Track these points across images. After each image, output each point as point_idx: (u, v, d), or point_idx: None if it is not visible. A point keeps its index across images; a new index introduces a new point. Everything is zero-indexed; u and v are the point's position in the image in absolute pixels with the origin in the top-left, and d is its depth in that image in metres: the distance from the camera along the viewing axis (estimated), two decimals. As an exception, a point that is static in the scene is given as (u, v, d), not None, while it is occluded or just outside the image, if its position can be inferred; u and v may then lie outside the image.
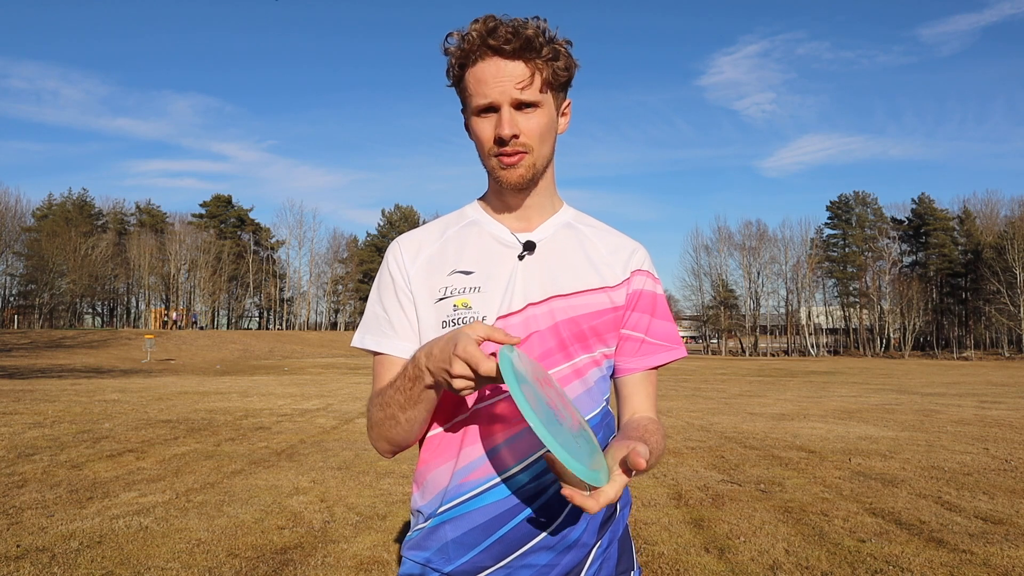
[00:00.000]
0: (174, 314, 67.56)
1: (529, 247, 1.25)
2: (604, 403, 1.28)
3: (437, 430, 1.22)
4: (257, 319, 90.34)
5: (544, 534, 1.15)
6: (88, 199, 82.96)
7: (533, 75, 1.15)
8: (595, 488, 0.95)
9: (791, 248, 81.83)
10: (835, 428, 10.41)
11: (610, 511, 1.24)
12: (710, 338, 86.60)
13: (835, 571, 3.98)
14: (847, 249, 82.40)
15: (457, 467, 1.18)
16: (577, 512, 1.17)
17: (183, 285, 79.56)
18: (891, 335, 77.48)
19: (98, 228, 79.87)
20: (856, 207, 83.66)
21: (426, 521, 1.21)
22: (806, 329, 79.92)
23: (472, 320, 1.18)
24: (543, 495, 1.15)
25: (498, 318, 1.19)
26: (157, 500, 5.49)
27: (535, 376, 1.04)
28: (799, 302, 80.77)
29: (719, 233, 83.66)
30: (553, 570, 1.16)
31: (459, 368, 0.99)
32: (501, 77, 1.14)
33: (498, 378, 0.97)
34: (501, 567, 1.15)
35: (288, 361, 38.53)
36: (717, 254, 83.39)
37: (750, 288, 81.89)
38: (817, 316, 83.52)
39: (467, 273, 1.23)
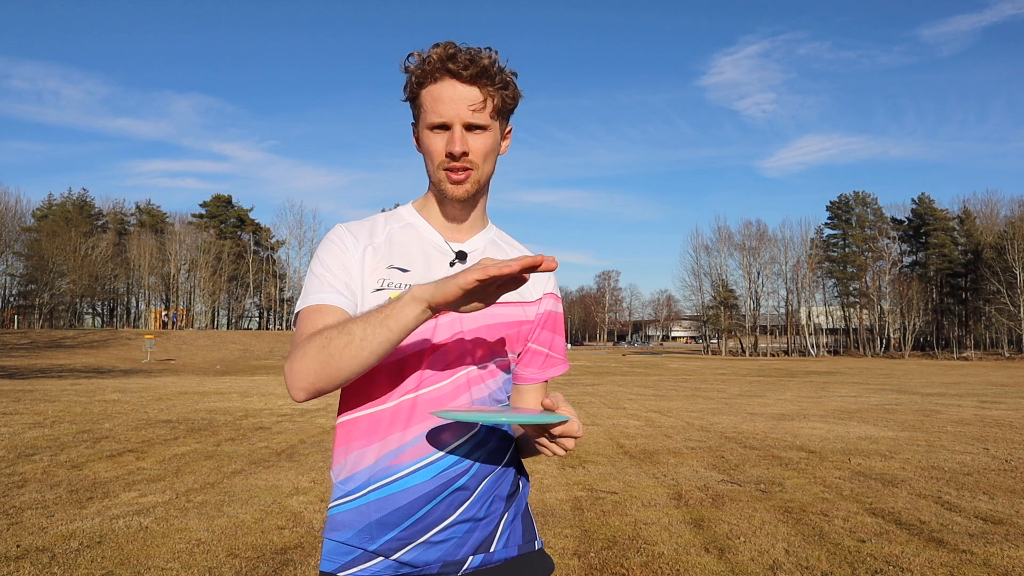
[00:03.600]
0: (163, 314, 67.61)
1: (461, 256, 1.37)
2: (507, 401, 1.43)
3: (363, 412, 1.30)
4: (257, 319, 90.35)
5: (460, 510, 1.29)
6: (88, 199, 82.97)
7: (485, 100, 1.27)
8: (561, 424, 1.16)
9: (791, 248, 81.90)
10: (835, 428, 10.41)
11: (513, 487, 1.39)
12: (710, 338, 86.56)
13: (835, 571, 3.98)
14: (847, 249, 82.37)
15: (384, 450, 1.27)
16: (489, 490, 1.33)
17: (183, 285, 79.54)
18: (891, 335, 77.46)
19: (98, 228, 79.88)
20: (856, 207, 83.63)
21: (346, 498, 1.29)
22: (806, 329, 79.90)
23: None
24: (462, 477, 1.28)
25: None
26: (157, 500, 5.49)
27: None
28: (799, 302, 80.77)
29: (719, 233, 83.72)
30: (468, 542, 1.31)
31: (477, 274, 1.03)
32: (456, 99, 1.26)
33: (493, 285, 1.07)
34: (422, 542, 1.27)
35: (288, 361, 38.46)
36: (717, 254, 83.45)
37: (750, 288, 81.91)
38: (817, 316, 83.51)
39: (404, 270, 1.33)
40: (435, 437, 1.27)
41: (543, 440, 1.19)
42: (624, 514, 5.19)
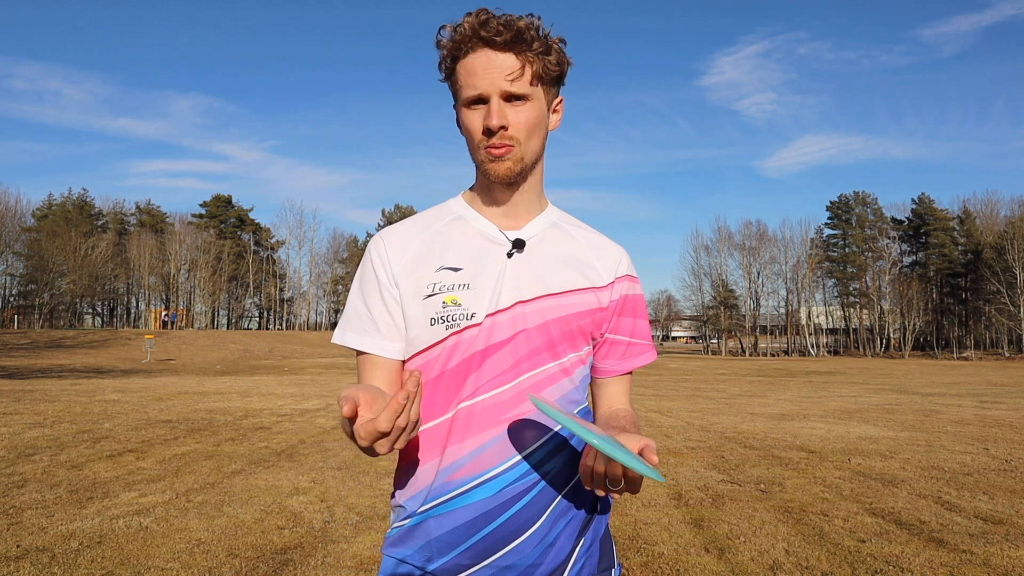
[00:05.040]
0: (163, 314, 67.62)
1: (519, 245, 1.23)
2: (587, 398, 1.31)
3: (420, 428, 1.19)
4: (257, 319, 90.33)
5: (528, 533, 1.15)
6: (88, 199, 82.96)
7: (523, 67, 1.15)
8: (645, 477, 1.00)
9: (791, 248, 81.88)
10: (835, 428, 10.41)
11: (591, 506, 1.25)
12: (710, 338, 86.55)
13: (835, 571, 3.98)
14: (847, 249, 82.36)
15: (442, 465, 1.17)
16: (562, 510, 1.19)
17: (183, 285, 79.54)
18: (891, 335, 77.46)
19: (98, 228, 79.86)
20: (856, 207, 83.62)
21: (408, 518, 1.21)
22: (806, 329, 79.89)
23: (462, 317, 1.18)
24: (528, 494, 1.16)
25: (487, 315, 1.18)
26: (157, 500, 5.49)
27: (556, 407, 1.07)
28: (799, 302, 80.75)
29: (719, 233, 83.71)
30: (537, 569, 1.16)
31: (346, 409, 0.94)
32: (491, 68, 1.13)
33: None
34: (484, 566, 1.15)
35: (288, 361, 38.53)
36: (717, 254, 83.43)
37: (750, 288, 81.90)
38: (817, 316, 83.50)
39: (455, 270, 1.21)
40: (497, 449, 1.15)
41: (596, 475, 1.06)
42: (624, 514, 5.19)
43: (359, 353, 1.24)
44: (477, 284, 1.19)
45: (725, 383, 23.81)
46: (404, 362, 1.24)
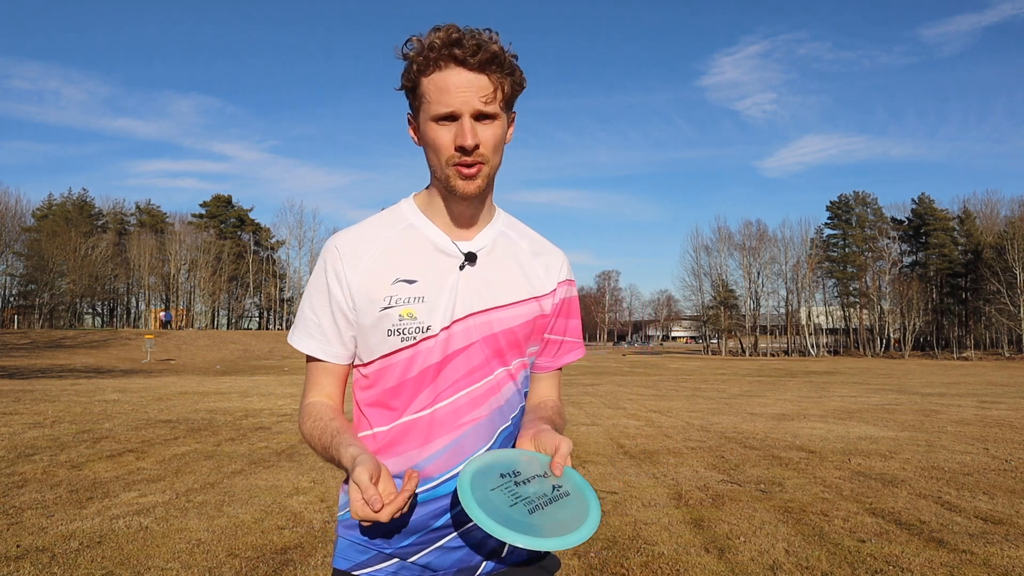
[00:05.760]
0: (162, 313, 67.62)
1: (471, 259, 1.29)
2: (525, 397, 1.40)
3: (380, 429, 1.28)
4: (257, 319, 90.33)
5: None
6: (88, 199, 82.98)
7: (495, 89, 1.19)
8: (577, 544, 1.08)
9: (791, 248, 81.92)
10: (835, 428, 10.41)
11: None
12: (710, 338, 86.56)
13: (835, 571, 3.98)
14: (847, 249, 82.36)
15: (405, 465, 1.25)
16: None
17: (183, 285, 79.53)
18: (891, 335, 77.45)
19: (98, 228, 79.87)
20: (856, 207, 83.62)
21: None
22: (806, 329, 79.89)
23: (418, 330, 1.24)
24: None
25: (442, 328, 1.25)
26: (157, 500, 5.49)
27: (499, 471, 1.18)
28: (799, 302, 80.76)
29: (719, 233, 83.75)
30: (483, 548, 1.30)
31: (355, 495, 1.09)
32: (464, 88, 1.17)
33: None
34: (438, 547, 1.27)
35: (288, 361, 38.53)
36: (717, 254, 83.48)
37: (750, 288, 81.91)
38: (817, 316, 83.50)
39: (411, 282, 1.26)
40: (453, 452, 1.25)
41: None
42: (624, 514, 5.19)
43: (309, 358, 1.33)
44: (431, 297, 1.25)
45: (725, 383, 23.81)
46: (357, 366, 1.33)
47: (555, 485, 1.17)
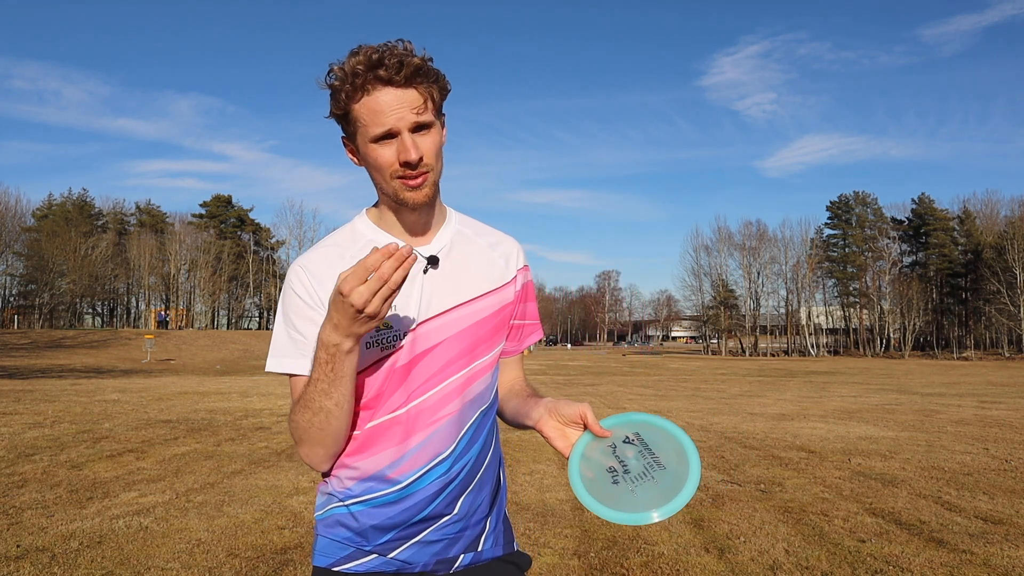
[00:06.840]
0: (162, 312, 67.59)
1: (433, 262, 1.33)
2: (496, 390, 1.44)
3: (356, 432, 1.30)
4: (257, 319, 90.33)
5: (452, 513, 1.32)
6: (88, 199, 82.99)
7: (426, 100, 1.23)
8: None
9: (791, 248, 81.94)
10: (835, 428, 10.41)
11: (495, 484, 1.42)
12: (710, 338, 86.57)
13: (835, 571, 3.98)
14: (847, 249, 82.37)
15: (382, 463, 1.28)
16: (477, 487, 1.36)
17: (183, 285, 79.54)
18: (891, 335, 77.46)
19: (98, 228, 79.87)
20: (856, 207, 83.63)
21: (341, 502, 1.31)
22: (806, 329, 79.91)
23: (395, 338, 1.27)
24: (453, 482, 1.31)
25: (410, 331, 1.28)
26: (157, 500, 5.49)
27: (604, 451, 1.26)
28: (799, 302, 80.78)
29: (719, 233, 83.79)
30: (459, 541, 1.34)
31: (357, 297, 1.06)
32: (397, 105, 1.20)
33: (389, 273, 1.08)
34: (416, 541, 1.31)
35: (288, 361, 38.44)
36: (717, 254, 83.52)
37: (750, 288, 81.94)
38: (817, 316, 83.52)
39: None
40: (433, 447, 1.29)
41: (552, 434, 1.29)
42: (624, 514, 5.19)
43: (292, 377, 1.31)
44: (401, 304, 1.29)
45: (725, 383, 23.82)
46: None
47: (651, 456, 1.24)
